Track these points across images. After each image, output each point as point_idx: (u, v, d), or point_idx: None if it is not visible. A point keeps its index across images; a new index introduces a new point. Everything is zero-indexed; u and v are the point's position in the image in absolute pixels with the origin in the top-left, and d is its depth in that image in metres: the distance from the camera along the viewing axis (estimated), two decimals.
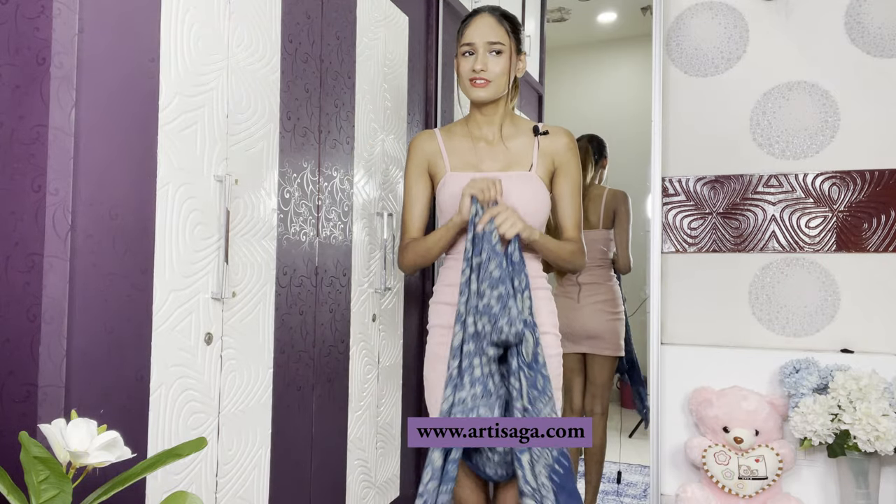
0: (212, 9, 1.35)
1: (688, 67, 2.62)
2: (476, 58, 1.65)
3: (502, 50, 1.66)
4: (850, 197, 2.41)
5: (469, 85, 1.67)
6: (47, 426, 0.84)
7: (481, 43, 1.65)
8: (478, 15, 1.69)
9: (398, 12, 2.16)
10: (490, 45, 1.65)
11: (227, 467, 1.41)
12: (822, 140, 2.45)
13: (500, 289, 1.52)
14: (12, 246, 1.05)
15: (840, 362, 2.30)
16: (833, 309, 2.42)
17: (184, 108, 1.27)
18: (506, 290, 1.52)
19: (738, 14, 2.57)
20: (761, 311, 2.50)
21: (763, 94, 2.52)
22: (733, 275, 2.53)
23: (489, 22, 1.67)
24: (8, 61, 1.06)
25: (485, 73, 1.65)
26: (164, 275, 1.23)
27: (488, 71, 1.65)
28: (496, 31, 1.66)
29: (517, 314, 1.51)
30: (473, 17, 1.70)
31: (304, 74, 1.67)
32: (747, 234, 2.52)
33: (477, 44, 1.65)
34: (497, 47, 1.65)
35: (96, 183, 1.10)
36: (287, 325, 1.60)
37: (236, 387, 1.43)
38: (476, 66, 1.64)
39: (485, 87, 1.66)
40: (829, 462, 2.31)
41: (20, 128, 1.05)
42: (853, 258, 2.40)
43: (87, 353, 1.08)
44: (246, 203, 1.46)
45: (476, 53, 1.66)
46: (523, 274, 1.56)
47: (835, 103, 2.44)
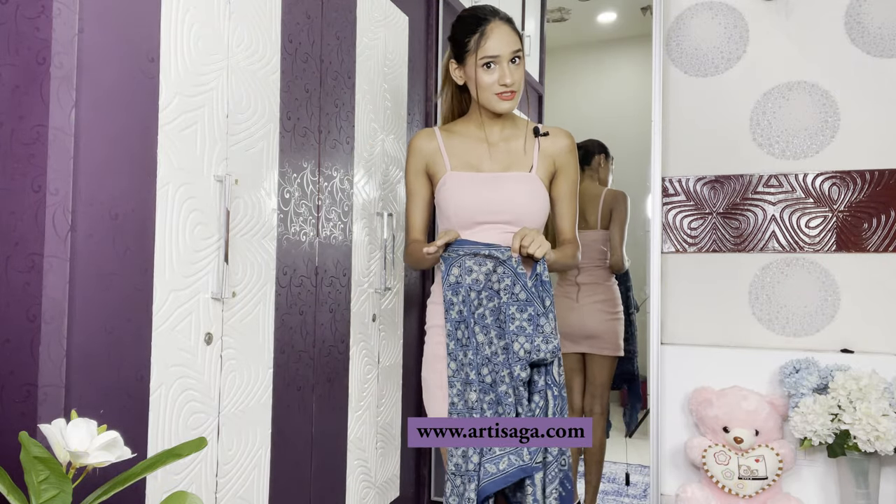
0: (212, 9, 1.35)
1: (688, 67, 2.62)
2: (503, 71, 1.61)
3: (520, 56, 1.65)
4: (850, 197, 2.41)
5: (497, 98, 1.64)
6: (47, 426, 0.84)
7: (506, 54, 1.62)
8: (491, 24, 1.63)
9: (398, 12, 2.16)
10: (512, 54, 1.63)
11: (227, 467, 1.41)
12: (822, 140, 2.45)
13: (529, 310, 1.55)
14: (12, 246, 1.05)
15: (840, 362, 2.30)
16: (833, 309, 2.42)
17: (184, 108, 1.27)
18: (535, 311, 1.55)
19: (738, 14, 2.57)
20: (761, 311, 2.50)
21: (763, 94, 2.52)
22: (733, 275, 2.53)
23: (507, 31, 1.63)
24: (8, 61, 1.06)
25: (513, 86, 1.64)
26: (164, 275, 1.23)
27: (515, 82, 1.64)
28: (515, 39, 1.63)
29: (551, 331, 1.56)
30: (486, 26, 1.63)
31: (304, 74, 1.67)
32: (747, 234, 2.52)
33: (502, 56, 1.61)
34: (517, 55, 1.64)
35: (96, 183, 1.10)
36: (287, 325, 1.60)
37: (236, 387, 1.43)
38: (506, 80, 1.61)
39: (512, 100, 1.65)
40: (829, 462, 2.31)
41: (20, 128, 1.05)
42: (853, 258, 2.40)
43: (87, 353, 1.08)
44: (246, 203, 1.46)
45: (501, 66, 1.62)
46: (550, 293, 1.59)
47: (835, 103, 2.44)
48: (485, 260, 1.59)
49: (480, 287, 1.59)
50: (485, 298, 1.59)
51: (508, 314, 1.55)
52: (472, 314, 1.58)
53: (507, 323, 1.55)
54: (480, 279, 1.59)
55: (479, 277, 1.59)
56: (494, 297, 1.58)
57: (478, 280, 1.59)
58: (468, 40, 1.65)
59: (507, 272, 1.57)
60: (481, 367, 1.57)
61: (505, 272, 1.57)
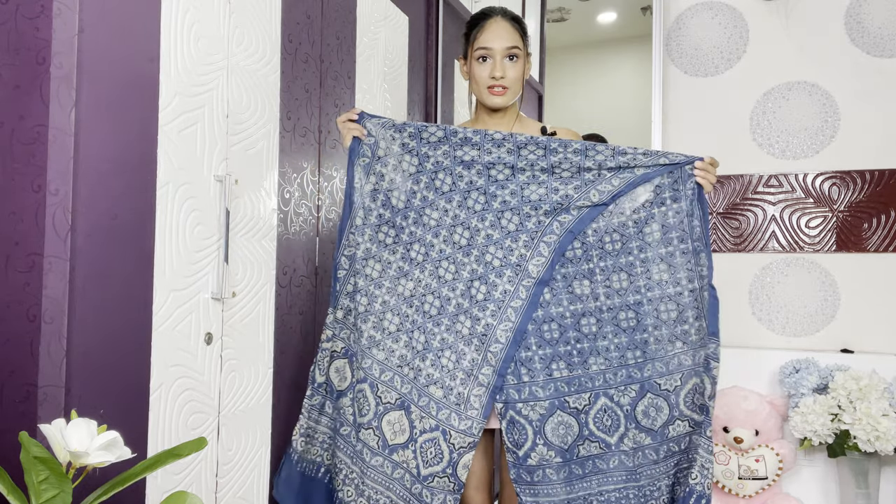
0: (212, 9, 1.35)
1: (688, 67, 2.62)
2: (494, 64, 1.62)
3: (518, 55, 1.65)
4: (850, 197, 2.41)
5: (487, 92, 1.64)
6: (47, 426, 0.84)
7: (499, 49, 1.62)
8: (490, 18, 1.65)
9: (398, 12, 2.16)
10: (507, 50, 1.63)
11: (227, 467, 1.41)
12: (822, 140, 2.45)
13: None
14: (12, 246, 1.05)
15: (840, 362, 2.30)
16: (833, 309, 2.42)
17: (184, 108, 1.27)
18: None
19: (738, 14, 2.57)
20: (761, 311, 2.50)
21: (763, 93, 2.52)
22: (733, 275, 2.53)
23: (505, 27, 1.64)
24: (8, 61, 1.07)
25: (504, 81, 1.64)
26: (164, 275, 1.23)
27: (507, 78, 1.64)
28: (512, 36, 1.64)
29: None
30: (486, 20, 1.65)
31: (304, 74, 1.67)
32: (747, 234, 2.52)
33: (495, 49, 1.62)
34: (513, 52, 1.64)
35: (96, 183, 1.10)
36: (287, 325, 1.60)
37: (236, 387, 1.43)
38: (496, 73, 1.61)
39: (503, 95, 1.65)
40: (829, 462, 2.31)
41: (20, 128, 1.05)
42: (853, 258, 2.40)
43: (87, 353, 1.08)
44: (246, 203, 1.46)
45: (493, 59, 1.62)
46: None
47: (835, 103, 2.44)
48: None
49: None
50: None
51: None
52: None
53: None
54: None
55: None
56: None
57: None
58: (469, 34, 1.68)
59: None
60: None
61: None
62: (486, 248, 1.46)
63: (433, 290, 1.48)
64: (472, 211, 1.47)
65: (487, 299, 1.45)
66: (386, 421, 1.48)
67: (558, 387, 1.43)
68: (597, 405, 1.42)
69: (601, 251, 1.43)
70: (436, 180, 1.49)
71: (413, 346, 1.48)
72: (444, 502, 1.43)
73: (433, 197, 1.49)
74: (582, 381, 1.43)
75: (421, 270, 1.49)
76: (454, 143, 1.49)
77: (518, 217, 1.45)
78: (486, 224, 1.46)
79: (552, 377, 1.43)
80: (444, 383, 1.45)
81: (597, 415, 1.42)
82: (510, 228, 1.45)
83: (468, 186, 1.47)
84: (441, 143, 1.50)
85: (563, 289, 1.43)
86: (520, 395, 1.43)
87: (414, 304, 1.48)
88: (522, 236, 1.44)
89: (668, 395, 1.40)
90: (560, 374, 1.43)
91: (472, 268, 1.46)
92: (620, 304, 1.42)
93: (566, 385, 1.43)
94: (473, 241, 1.47)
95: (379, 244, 1.50)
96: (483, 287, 1.45)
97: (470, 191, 1.47)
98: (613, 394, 1.42)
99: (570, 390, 1.42)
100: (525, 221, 1.44)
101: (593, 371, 1.42)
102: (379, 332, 1.49)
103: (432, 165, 1.49)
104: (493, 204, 1.46)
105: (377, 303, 1.49)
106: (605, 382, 1.42)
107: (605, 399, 1.42)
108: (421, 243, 1.49)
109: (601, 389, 1.42)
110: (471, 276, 1.46)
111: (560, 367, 1.43)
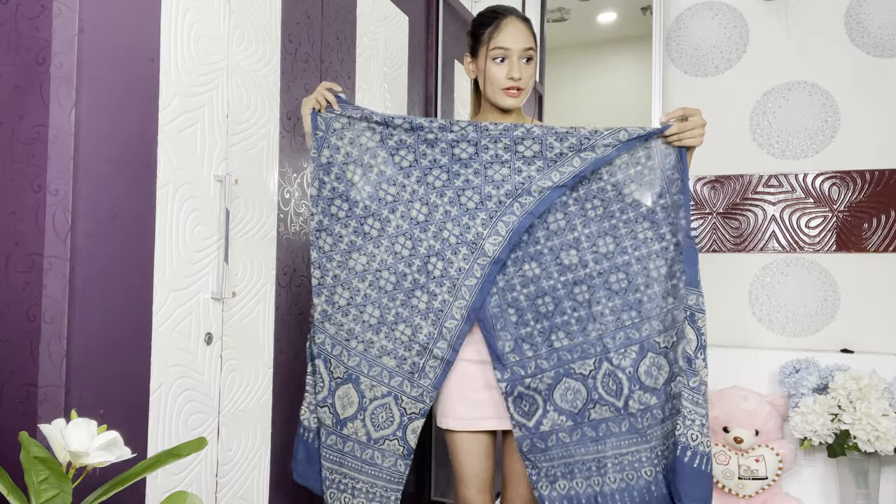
0: (212, 9, 1.35)
1: (688, 67, 2.62)
2: (512, 65, 1.60)
3: (532, 56, 1.64)
4: (850, 197, 2.41)
5: (503, 94, 1.62)
6: (47, 426, 0.84)
7: (517, 50, 1.60)
8: (507, 18, 1.64)
9: (398, 12, 2.16)
10: (524, 51, 1.62)
11: (227, 467, 1.41)
12: (822, 140, 2.45)
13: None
14: (12, 246, 1.05)
15: (840, 362, 2.30)
16: (833, 309, 2.42)
17: (184, 108, 1.27)
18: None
19: (738, 14, 2.57)
20: (761, 311, 2.50)
21: (763, 94, 2.52)
22: (733, 275, 2.53)
23: (522, 28, 1.63)
24: (8, 61, 1.07)
25: (520, 82, 1.63)
26: (164, 275, 1.23)
27: (523, 79, 1.64)
28: (528, 37, 1.63)
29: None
30: (502, 19, 1.64)
31: (304, 74, 1.67)
32: (747, 234, 2.52)
33: (513, 50, 1.60)
34: (529, 54, 1.63)
35: (96, 183, 1.10)
36: (287, 325, 1.60)
37: (236, 387, 1.43)
38: (514, 74, 1.60)
39: (518, 97, 1.64)
40: (829, 462, 2.31)
41: (20, 128, 1.05)
42: (853, 258, 2.40)
43: (87, 353, 1.08)
44: (246, 203, 1.46)
45: (511, 60, 1.61)
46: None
47: (835, 103, 2.44)
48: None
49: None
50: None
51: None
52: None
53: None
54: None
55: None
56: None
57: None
58: (482, 32, 1.64)
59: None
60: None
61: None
62: (444, 225, 1.46)
63: (389, 265, 1.47)
64: (432, 187, 1.47)
65: (444, 276, 1.45)
66: (337, 396, 1.50)
67: (561, 356, 1.45)
68: (601, 370, 1.44)
69: (584, 219, 1.44)
70: (395, 156, 1.48)
71: (364, 321, 1.48)
72: (394, 465, 1.47)
73: (392, 172, 1.48)
74: (584, 348, 1.44)
75: (376, 245, 1.48)
76: (418, 125, 1.48)
77: (479, 196, 1.45)
78: (445, 200, 1.46)
79: (553, 347, 1.45)
80: (397, 353, 1.47)
81: (603, 379, 1.44)
82: (469, 206, 1.45)
83: (431, 164, 1.47)
84: (408, 127, 1.49)
85: (551, 261, 1.44)
86: (525, 370, 1.44)
87: (367, 278, 1.48)
88: (481, 214, 1.44)
89: (667, 353, 1.41)
90: (561, 344, 1.45)
91: (429, 244, 1.46)
92: (610, 268, 1.44)
93: (569, 353, 1.44)
94: (431, 217, 1.46)
95: (331, 217, 1.49)
96: (440, 263, 1.45)
97: (432, 168, 1.47)
98: (613, 357, 1.43)
99: (574, 357, 1.44)
100: (486, 201, 1.45)
101: (593, 338, 1.44)
102: (330, 307, 1.49)
103: (395, 143, 1.48)
104: (456, 182, 1.46)
105: (329, 276, 1.49)
106: (604, 348, 1.43)
107: (606, 364, 1.44)
108: (376, 218, 1.48)
109: (602, 355, 1.44)
110: (428, 251, 1.46)
111: (560, 337, 1.45)
